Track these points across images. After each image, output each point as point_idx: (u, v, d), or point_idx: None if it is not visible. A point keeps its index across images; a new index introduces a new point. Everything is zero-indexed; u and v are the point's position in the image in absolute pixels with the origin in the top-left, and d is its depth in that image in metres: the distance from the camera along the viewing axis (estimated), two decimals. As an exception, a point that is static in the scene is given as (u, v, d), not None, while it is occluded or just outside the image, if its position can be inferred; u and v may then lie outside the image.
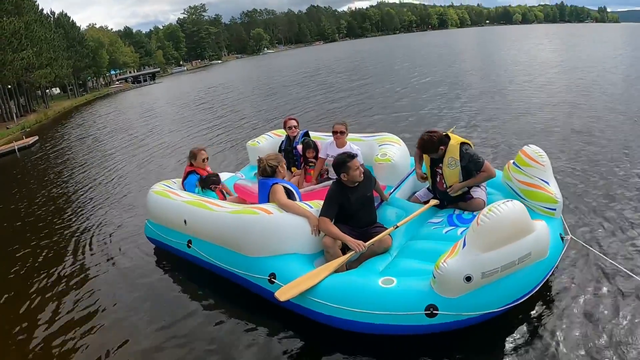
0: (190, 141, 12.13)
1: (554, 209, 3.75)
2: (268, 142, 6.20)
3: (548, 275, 3.31)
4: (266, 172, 3.93)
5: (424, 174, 4.43)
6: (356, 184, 3.72)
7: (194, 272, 4.51)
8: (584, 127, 8.62)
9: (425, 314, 2.92)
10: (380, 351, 3.16)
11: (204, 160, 5.03)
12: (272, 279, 3.53)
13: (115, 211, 7.30)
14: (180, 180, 5.22)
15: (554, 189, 3.85)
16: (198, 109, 19.96)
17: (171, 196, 4.68)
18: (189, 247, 4.38)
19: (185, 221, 4.37)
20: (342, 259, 3.49)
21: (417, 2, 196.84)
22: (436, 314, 2.91)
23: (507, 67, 20.92)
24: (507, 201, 2.99)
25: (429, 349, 3.11)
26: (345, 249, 3.63)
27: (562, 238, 3.59)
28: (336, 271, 3.41)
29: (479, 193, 4.15)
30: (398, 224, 3.75)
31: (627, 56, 22.29)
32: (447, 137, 4.13)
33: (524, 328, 3.18)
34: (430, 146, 4.08)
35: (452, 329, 2.98)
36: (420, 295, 2.98)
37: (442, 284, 2.90)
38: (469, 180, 4.08)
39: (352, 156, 3.70)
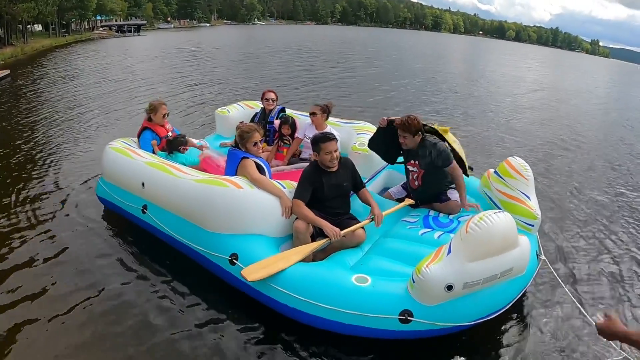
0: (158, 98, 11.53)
1: (533, 225, 3.64)
2: (239, 112, 5.89)
3: (522, 293, 3.22)
4: (238, 142, 3.59)
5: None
6: (333, 169, 3.44)
7: (147, 239, 4.08)
8: (563, 149, 8.94)
9: (399, 319, 2.69)
10: (344, 349, 2.92)
11: (164, 115, 4.57)
12: (234, 260, 3.18)
13: (70, 161, 6.68)
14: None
15: (534, 204, 3.74)
16: (174, 67, 19.06)
17: (131, 155, 4.21)
18: (144, 212, 3.96)
19: (143, 184, 3.93)
20: (316, 244, 3.21)
21: (415, 1, 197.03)
22: (410, 321, 2.69)
23: (492, 81, 21.30)
24: (498, 212, 2.84)
25: (395, 352, 2.91)
26: (316, 236, 3.35)
27: (537, 256, 3.51)
28: (302, 261, 3.12)
29: (455, 195, 3.96)
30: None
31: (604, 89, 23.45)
32: (433, 130, 3.95)
33: (486, 342, 3.09)
34: (412, 124, 3.72)
35: (422, 337, 2.79)
36: (396, 299, 2.74)
37: (422, 290, 2.68)
38: (462, 192, 3.86)
39: (330, 137, 3.39)
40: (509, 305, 3.04)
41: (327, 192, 3.42)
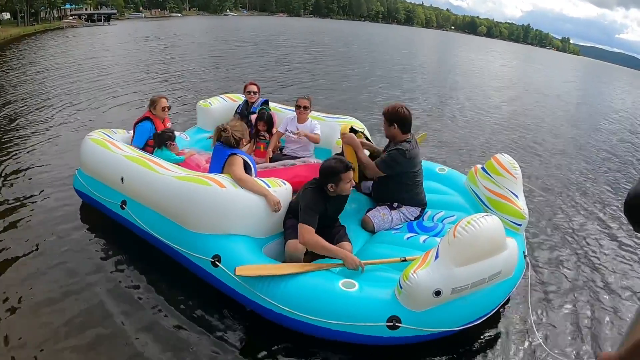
0: (136, 91, 11.14)
1: (520, 225, 3.62)
2: (221, 104, 5.74)
3: (509, 295, 3.19)
4: (229, 143, 3.43)
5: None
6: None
7: (126, 236, 3.92)
8: (541, 150, 9.13)
9: (387, 325, 2.63)
10: (329, 354, 2.84)
11: (163, 109, 4.47)
12: (217, 262, 3.06)
13: (45, 150, 6.38)
14: (121, 130, 4.68)
15: (522, 204, 3.71)
16: (147, 58, 18.44)
17: (110, 147, 4.02)
18: (123, 208, 3.79)
19: (122, 179, 3.76)
20: (321, 265, 3.05)
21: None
22: (398, 327, 2.63)
23: (464, 79, 21.46)
24: (486, 215, 2.80)
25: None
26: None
27: (525, 256, 3.48)
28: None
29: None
30: (407, 258, 3.12)
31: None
32: None
33: (471, 344, 3.04)
34: (387, 111, 3.71)
35: (410, 343, 2.74)
36: (384, 305, 2.68)
37: (410, 296, 2.62)
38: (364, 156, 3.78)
39: (348, 167, 3.22)
40: (497, 307, 3.02)
41: (328, 216, 3.34)
